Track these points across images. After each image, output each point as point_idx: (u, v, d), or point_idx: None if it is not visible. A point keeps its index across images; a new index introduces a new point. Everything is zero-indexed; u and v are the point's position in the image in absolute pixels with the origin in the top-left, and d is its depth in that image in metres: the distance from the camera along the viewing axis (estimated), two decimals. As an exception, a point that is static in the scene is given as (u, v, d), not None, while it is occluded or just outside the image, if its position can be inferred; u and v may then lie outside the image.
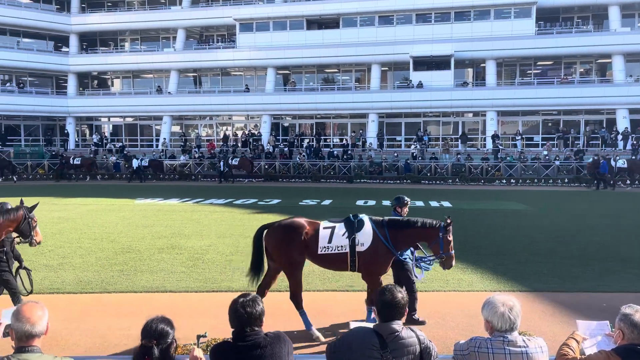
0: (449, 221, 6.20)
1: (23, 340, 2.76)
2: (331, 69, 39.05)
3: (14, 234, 6.69)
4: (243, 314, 3.09)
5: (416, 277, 6.85)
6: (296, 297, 6.52)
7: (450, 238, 6.26)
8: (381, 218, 6.56)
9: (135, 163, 32.18)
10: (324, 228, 6.47)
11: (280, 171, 32.94)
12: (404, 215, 7.27)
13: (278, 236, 6.55)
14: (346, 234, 6.37)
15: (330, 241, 6.37)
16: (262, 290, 6.61)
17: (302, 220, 6.61)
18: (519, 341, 3.14)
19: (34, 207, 6.68)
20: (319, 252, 6.40)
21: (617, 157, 28.01)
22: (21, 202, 6.80)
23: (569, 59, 35.44)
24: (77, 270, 9.74)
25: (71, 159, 33.63)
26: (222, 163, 31.61)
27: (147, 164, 33.00)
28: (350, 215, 6.60)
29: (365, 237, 6.34)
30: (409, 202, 7.49)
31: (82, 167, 33.36)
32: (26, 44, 40.33)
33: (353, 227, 6.39)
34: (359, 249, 6.32)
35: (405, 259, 6.93)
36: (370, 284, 6.55)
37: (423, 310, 7.22)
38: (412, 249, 6.85)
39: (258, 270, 6.72)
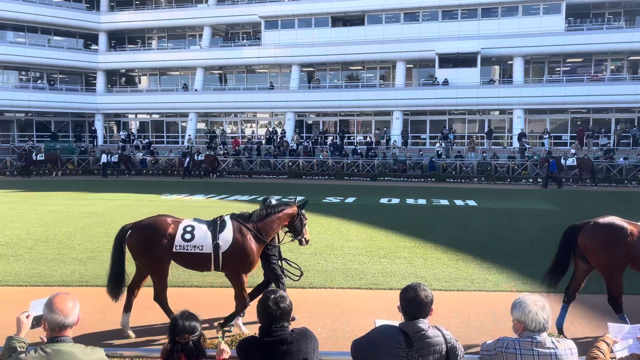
0: None
1: (56, 330, 2.83)
2: (356, 66, 38.93)
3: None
4: (276, 310, 3.12)
5: None
6: (617, 301, 6.20)
7: None
8: None
9: (104, 158, 32.71)
10: None
11: (304, 168, 33.01)
12: None
13: (602, 236, 6.21)
14: None
15: None
16: (572, 293, 6.48)
17: (624, 221, 6.32)
18: (548, 342, 3.09)
19: (304, 204, 6.69)
20: None
21: (567, 156, 28.44)
22: (295, 199, 6.89)
23: (600, 55, 34.63)
24: (105, 263, 9.81)
25: (34, 154, 33.16)
26: (187, 159, 32.44)
27: (116, 160, 33.41)
28: None
29: None
30: None
31: (46, 162, 33.19)
32: (57, 41, 41.19)
33: None
34: None
35: None
36: None
37: (447, 309, 7.17)
38: None
39: (563, 271, 6.49)
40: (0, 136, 38.69)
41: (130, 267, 6.68)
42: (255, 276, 9.08)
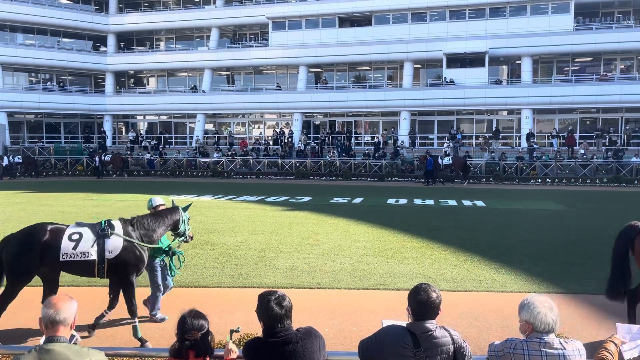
0: None
1: (49, 328, 2.82)
2: (363, 66, 38.91)
3: None
4: (278, 310, 3.12)
5: None
6: None
7: None
8: None
9: (5, 161, 32.79)
10: None
11: (311, 169, 33.04)
12: None
13: None
14: None
15: None
16: None
17: None
18: (556, 343, 3.08)
19: None
20: None
21: (443, 155, 30.29)
22: None
23: (609, 55, 34.39)
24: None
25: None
26: (96, 159, 33.06)
27: (20, 161, 33.58)
28: None
29: None
30: None
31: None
32: (66, 43, 41.52)
33: None
34: None
35: None
36: None
37: (455, 310, 7.15)
38: None
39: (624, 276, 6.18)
40: (10, 137, 39.00)
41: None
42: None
